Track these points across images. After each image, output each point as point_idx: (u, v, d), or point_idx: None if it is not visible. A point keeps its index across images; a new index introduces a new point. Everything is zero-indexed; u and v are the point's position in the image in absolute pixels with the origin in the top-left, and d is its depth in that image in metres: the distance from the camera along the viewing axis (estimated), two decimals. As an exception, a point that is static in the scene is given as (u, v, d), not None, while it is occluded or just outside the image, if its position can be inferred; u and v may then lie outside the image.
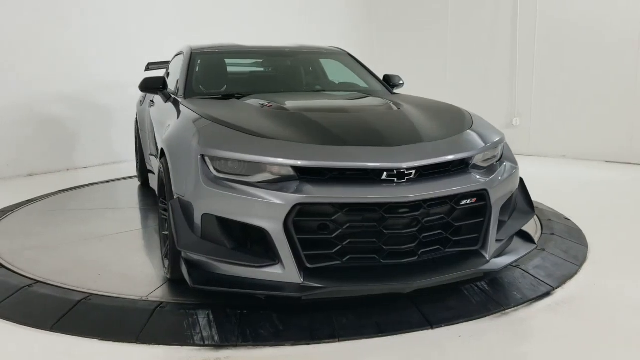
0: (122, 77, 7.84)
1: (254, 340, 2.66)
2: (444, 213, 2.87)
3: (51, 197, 5.59)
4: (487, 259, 2.97)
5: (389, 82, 4.69)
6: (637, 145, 7.49)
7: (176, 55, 5.36)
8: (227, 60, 4.62)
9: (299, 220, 2.67)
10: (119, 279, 3.39)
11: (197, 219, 2.80)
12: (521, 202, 3.41)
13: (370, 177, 2.76)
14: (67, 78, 7.33)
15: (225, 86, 4.32)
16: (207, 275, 2.80)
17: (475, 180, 2.94)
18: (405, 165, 2.75)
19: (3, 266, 3.58)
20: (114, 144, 7.99)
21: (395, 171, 2.74)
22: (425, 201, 2.76)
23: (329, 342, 2.67)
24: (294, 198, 2.63)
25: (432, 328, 2.80)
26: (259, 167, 2.77)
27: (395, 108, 3.47)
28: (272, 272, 2.71)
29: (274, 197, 2.65)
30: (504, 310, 2.99)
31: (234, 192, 2.71)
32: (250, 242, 2.79)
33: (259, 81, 4.51)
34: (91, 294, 3.10)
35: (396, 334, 2.75)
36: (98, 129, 7.82)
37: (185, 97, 3.94)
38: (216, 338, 2.68)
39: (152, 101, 5.10)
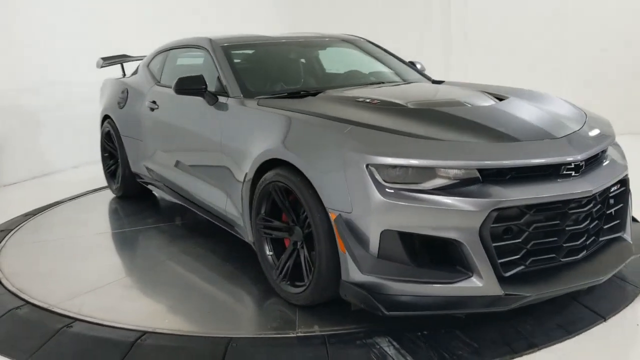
0: (48, 75, 6.84)
1: (459, 363, 2.44)
2: (601, 202, 2.83)
3: (25, 224, 4.68)
4: (631, 242, 2.98)
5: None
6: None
7: (169, 50, 4.74)
8: (261, 53, 4.15)
9: (492, 226, 2.45)
10: (238, 315, 2.97)
11: (374, 237, 2.48)
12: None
13: (547, 172, 2.61)
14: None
15: (273, 82, 3.88)
16: (395, 299, 2.49)
17: (621, 167, 2.93)
18: (580, 157, 2.65)
19: (77, 319, 2.90)
20: (45, 153, 6.95)
21: (572, 164, 2.62)
22: (599, 193, 2.70)
23: (531, 353, 2.54)
24: (490, 203, 2.41)
25: (605, 320, 2.77)
26: (431, 173, 2.50)
27: (497, 99, 3.32)
28: (467, 287, 2.47)
29: (465, 204, 2.41)
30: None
31: (420, 203, 2.43)
32: (435, 256, 2.52)
33: (306, 75, 4.10)
34: (231, 338, 2.64)
35: (581, 332, 2.69)
36: (25, 136, 6.73)
37: (245, 98, 3.46)
38: (417, 367, 2.41)
39: (153, 102, 4.45)
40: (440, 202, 2.42)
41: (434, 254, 2.53)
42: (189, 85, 3.61)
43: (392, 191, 2.46)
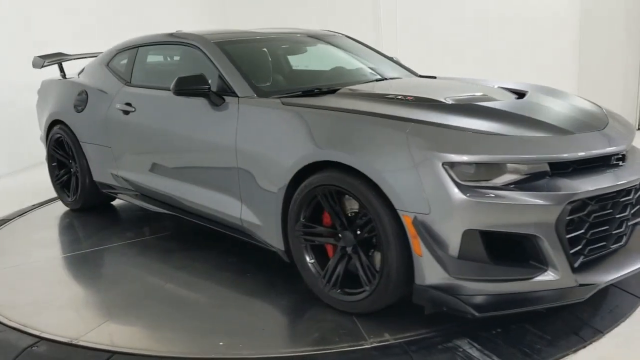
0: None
1: (541, 357, 2.45)
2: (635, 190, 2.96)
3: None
4: (650, 226, 3.15)
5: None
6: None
7: (136, 47, 4.35)
8: (258, 50, 3.91)
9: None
10: (292, 331, 2.80)
11: (455, 238, 2.42)
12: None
13: (599, 163, 2.69)
14: None
15: (282, 80, 3.69)
16: (474, 300, 2.44)
17: None
18: (624, 146, 2.75)
19: (114, 352, 2.56)
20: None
21: (620, 154, 2.73)
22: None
23: (599, 339, 2.62)
24: (565, 196, 2.44)
25: (643, 300, 2.92)
26: (501, 169, 2.49)
27: (515, 93, 3.35)
28: (544, 280, 2.48)
29: (543, 199, 2.42)
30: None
31: (500, 200, 2.40)
32: (509, 252, 2.50)
33: (310, 73, 3.92)
34: (303, 357, 2.47)
35: (630, 315, 2.82)
36: None
37: (260, 98, 3.25)
38: (505, 365, 2.39)
39: (128, 104, 4.06)
40: (518, 198, 2.41)
41: (508, 251, 2.52)
42: (191, 86, 3.33)
43: (471, 190, 2.40)
